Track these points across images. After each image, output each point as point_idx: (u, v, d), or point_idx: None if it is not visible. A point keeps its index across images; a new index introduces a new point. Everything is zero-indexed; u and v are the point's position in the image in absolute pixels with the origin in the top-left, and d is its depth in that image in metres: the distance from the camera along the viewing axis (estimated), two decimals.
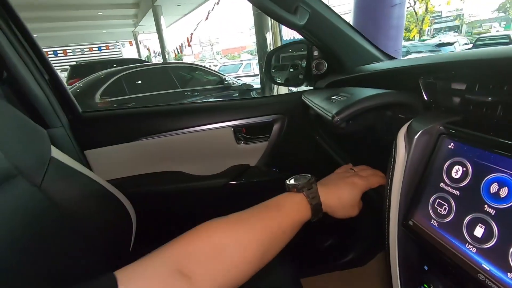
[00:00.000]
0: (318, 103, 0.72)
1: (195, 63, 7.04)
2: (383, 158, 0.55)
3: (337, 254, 1.39)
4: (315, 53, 1.12)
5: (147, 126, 1.16)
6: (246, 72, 11.66)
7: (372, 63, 0.94)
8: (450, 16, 35.43)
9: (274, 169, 1.26)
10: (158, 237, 0.52)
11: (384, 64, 0.80)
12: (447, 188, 0.44)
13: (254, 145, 1.24)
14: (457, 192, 0.42)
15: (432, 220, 0.45)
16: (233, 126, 1.20)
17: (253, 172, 1.25)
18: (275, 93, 5.78)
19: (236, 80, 6.21)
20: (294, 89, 2.36)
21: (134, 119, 1.19)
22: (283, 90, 5.33)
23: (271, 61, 1.51)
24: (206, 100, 5.24)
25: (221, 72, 6.67)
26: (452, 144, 0.45)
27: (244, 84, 5.92)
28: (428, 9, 23.23)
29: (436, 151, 0.46)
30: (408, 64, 0.62)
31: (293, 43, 1.56)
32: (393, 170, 0.50)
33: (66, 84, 1.10)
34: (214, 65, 14.89)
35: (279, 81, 1.65)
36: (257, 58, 7.34)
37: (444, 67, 0.53)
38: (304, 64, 1.39)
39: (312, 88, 1.25)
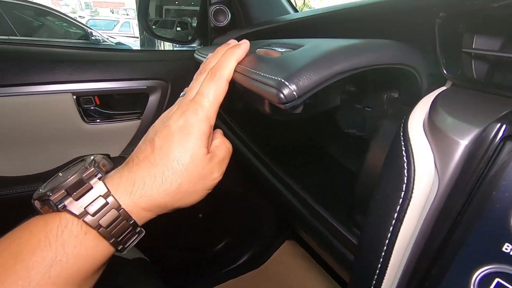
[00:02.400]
0: None
1: (50, 7, 5.27)
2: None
3: (226, 260, 1.14)
4: None
5: None
6: (124, 32, 9.87)
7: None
8: None
9: None
10: None
11: (326, 8, 0.52)
12: None
13: (117, 125, 0.80)
14: None
15: None
16: (75, 93, 0.71)
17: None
18: None
19: (107, 38, 5.02)
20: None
21: None
22: None
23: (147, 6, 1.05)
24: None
25: (88, 26, 5.25)
26: None
27: (119, 44, 4.85)
28: None
29: (495, 175, 0.22)
30: None
31: None
32: (402, 207, 0.23)
33: None
34: (80, 16, 11.94)
35: (163, 35, 1.21)
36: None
37: None
38: (195, 23, 1.01)
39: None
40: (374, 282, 0.26)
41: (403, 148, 0.24)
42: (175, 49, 1.16)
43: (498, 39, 0.28)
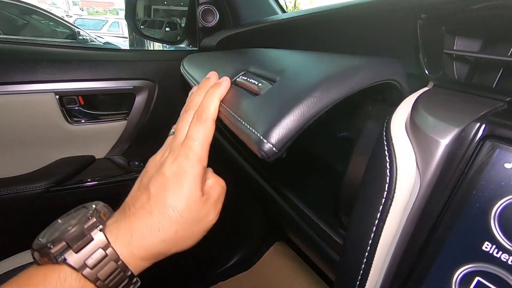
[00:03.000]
0: None
1: (38, 6, 5.12)
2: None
3: (216, 261, 1.13)
4: None
5: None
6: (113, 32, 9.72)
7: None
8: None
9: (136, 164, 0.84)
10: None
11: (313, 9, 0.52)
12: (504, 257, 0.20)
13: (102, 125, 0.78)
14: None
15: None
16: (58, 92, 0.69)
17: (100, 168, 0.79)
18: None
19: (95, 37, 4.93)
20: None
21: None
22: None
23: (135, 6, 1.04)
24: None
25: (76, 25, 5.13)
26: None
27: (107, 43, 4.77)
28: None
29: (475, 174, 0.22)
30: None
31: None
32: (385, 207, 0.23)
33: None
34: (67, 15, 11.70)
35: (151, 35, 1.20)
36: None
37: None
38: (184, 24, 1.01)
39: (196, 49, 0.89)
40: (358, 282, 0.26)
41: (386, 148, 0.24)
42: (163, 49, 1.15)
43: (478, 40, 0.29)
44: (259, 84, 0.31)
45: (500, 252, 0.20)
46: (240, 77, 0.35)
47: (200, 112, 0.30)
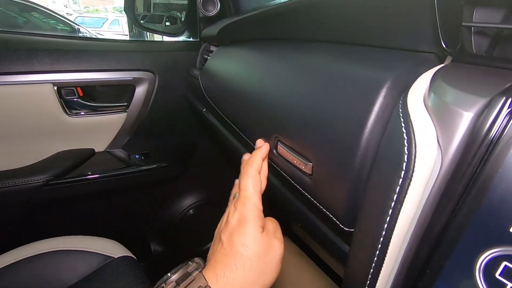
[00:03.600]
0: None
1: (38, 3, 5.09)
2: None
3: None
4: None
5: None
6: (114, 30, 9.68)
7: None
8: None
9: (137, 157, 0.82)
10: None
11: None
12: None
13: (101, 118, 0.77)
14: None
15: None
16: (56, 83, 0.68)
17: (100, 162, 0.78)
18: None
19: (95, 35, 4.91)
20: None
21: None
22: None
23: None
24: None
25: (76, 23, 5.11)
26: None
27: None
28: None
29: (500, 151, 0.20)
30: None
31: None
32: (402, 188, 0.21)
33: None
34: (67, 13, 11.67)
35: (151, 27, 1.18)
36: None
37: None
38: (184, 18, 0.99)
39: (197, 40, 0.88)
40: (371, 271, 0.24)
41: (403, 125, 0.22)
42: (161, 40, 1.13)
43: (500, 11, 0.27)
44: None
45: None
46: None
47: (246, 168, 0.38)
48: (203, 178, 1.01)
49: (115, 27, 9.98)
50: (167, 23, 1.66)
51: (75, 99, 0.72)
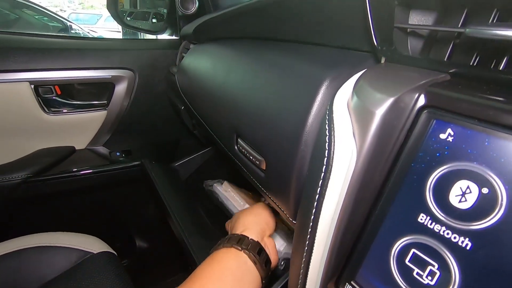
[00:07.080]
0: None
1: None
2: None
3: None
4: None
5: None
6: (108, 26, 9.58)
7: None
8: None
9: (118, 154, 0.83)
10: None
11: None
12: (436, 227, 0.20)
13: (81, 115, 0.77)
14: (464, 241, 0.19)
15: None
16: (33, 82, 0.68)
17: (81, 159, 0.79)
18: None
19: (88, 32, 4.86)
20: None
21: None
22: None
23: None
24: None
25: (70, 20, 5.05)
26: (449, 130, 0.20)
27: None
28: None
29: (413, 146, 0.21)
30: None
31: None
32: (324, 181, 0.23)
33: None
34: (61, 10, 11.53)
35: (136, 25, 1.18)
36: None
37: None
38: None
39: (177, 38, 0.88)
40: (304, 259, 0.25)
41: (327, 123, 0.23)
42: (142, 38, 1.13)
43: (433, 13, 0.28)
44: None
45: (434, 223, 0.20)
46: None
47: None
48: None
49: (109, 23, 9.87)
50: (154, 20, 1.66)
51: (53, 97, 0.72)
